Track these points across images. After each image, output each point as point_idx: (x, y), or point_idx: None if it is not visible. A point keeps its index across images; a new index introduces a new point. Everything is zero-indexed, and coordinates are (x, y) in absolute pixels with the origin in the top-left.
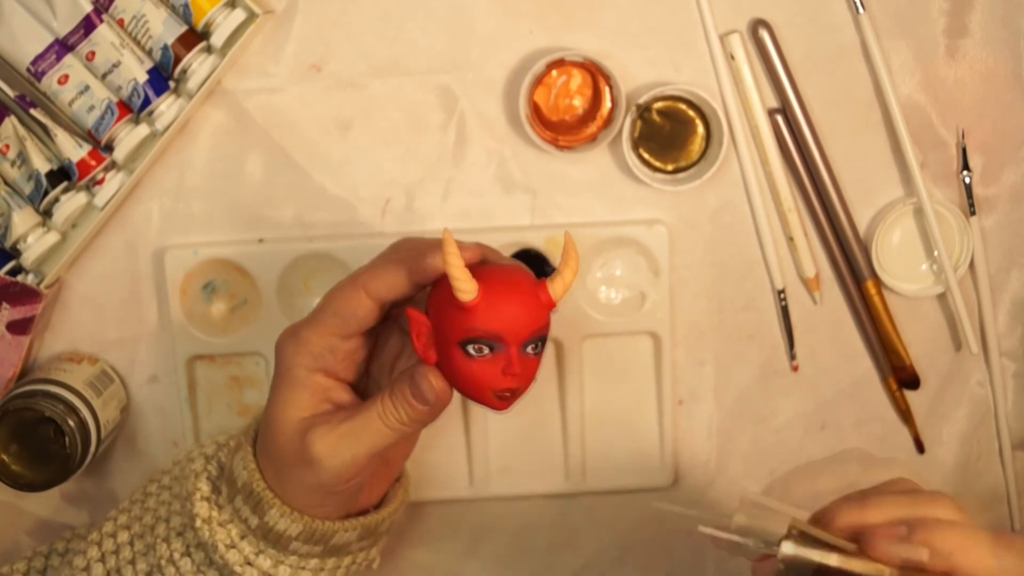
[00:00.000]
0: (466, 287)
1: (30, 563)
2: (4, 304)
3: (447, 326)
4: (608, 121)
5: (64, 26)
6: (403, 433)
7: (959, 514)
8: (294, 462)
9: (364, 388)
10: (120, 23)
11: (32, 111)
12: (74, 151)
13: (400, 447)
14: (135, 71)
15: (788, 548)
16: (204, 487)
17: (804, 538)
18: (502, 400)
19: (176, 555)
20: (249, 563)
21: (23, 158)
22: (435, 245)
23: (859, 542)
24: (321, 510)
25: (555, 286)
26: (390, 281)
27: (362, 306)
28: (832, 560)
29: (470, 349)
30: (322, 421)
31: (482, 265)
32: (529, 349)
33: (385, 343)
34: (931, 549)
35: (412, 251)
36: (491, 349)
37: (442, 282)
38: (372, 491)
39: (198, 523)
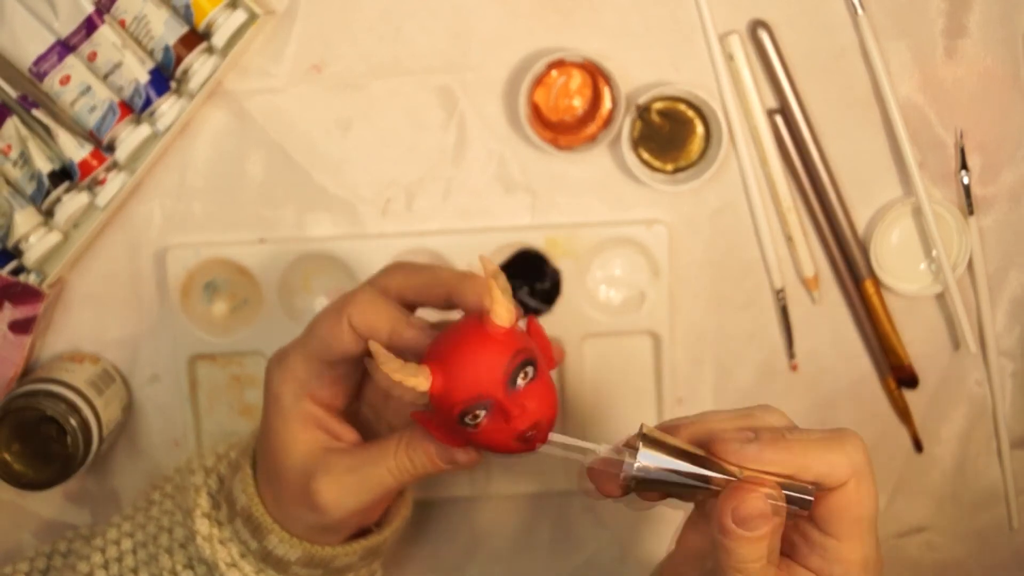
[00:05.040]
0: (414, 380)
1: (32, 563)
2: (6, 304)
3: (439, 414)
4: (608, 121)
5: (66, 27)
6: (414, 481)
7: (791, 422)
8: (298, 502)
9: (356, 410)
10: (122, 24)
11: (34, 111)
12: (76, 151)
13: None
14: (136, 72)
15: (644, 457)
16: (204, 503)
17: (655, 444)
18: (527, 442)
19: (179, 567)
20: None
21: (25, 158)
22: (413, 268)
23: (707, 448)
24: (322, 540)
25: (497, 313)
26: (371, 315)
27: (344, 335)
28: (685, 465)
29: (467, 420)
30: (325, 468)
31: (435, 334)
32: (520, 382)
33: None
34: (777, 450)
35: (391, 276)
36: (486, 409)
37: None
38: (373, 512)
39: (199, 540)
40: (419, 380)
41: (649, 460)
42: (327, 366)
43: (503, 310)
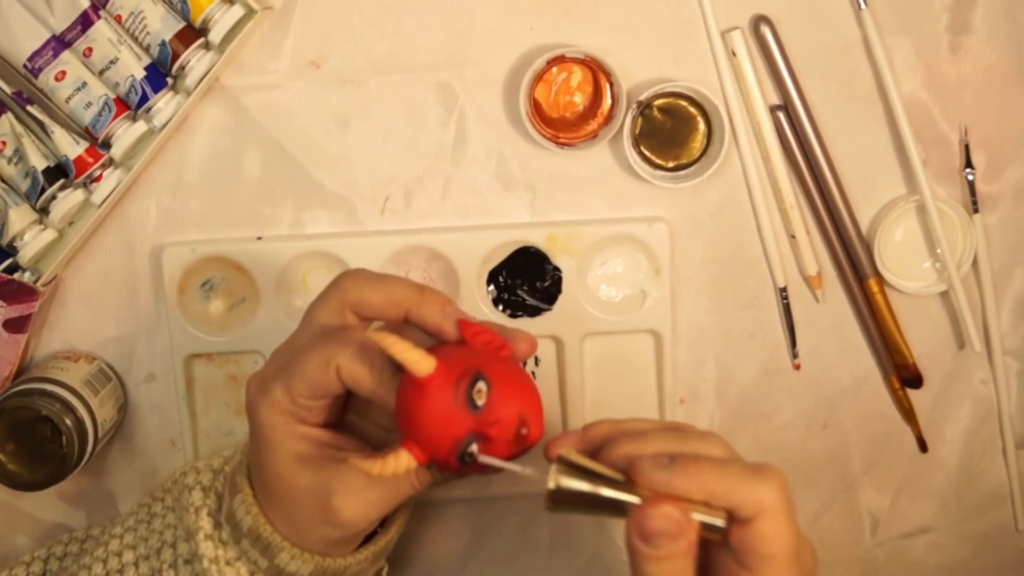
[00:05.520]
0: (404, 466)
1: (28, 568)
2: (1, 302)
3: (448, 467)
4: (609, 118)
5: (61, 22)
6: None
7: (728, 452)
8: (316, 522)
9: (342, 416)
10: (118, 19)
11: (29, 108)
12: (71, 148)
13: None
14: (133, 67)
15: (557, 477)
16: (206, 524)
17: (574, 468)
18: (524, 440)
19: None
20: None
21: (20, 155)
22: (379, 293)
23: (626, 471)
24: (335, 552)
25: (414, 369)
26: (358, 372)
27: (331, 383)
28: (596, 489)
29: (467, 460)
30: (344, 486)
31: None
32: (479, 402)
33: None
34: (686, 478)
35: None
36: (472, 442)
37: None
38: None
39: (205, 563)
40: (408, 463)
41: (563, 483)
42: (311, 401)
43: (417, 366)
